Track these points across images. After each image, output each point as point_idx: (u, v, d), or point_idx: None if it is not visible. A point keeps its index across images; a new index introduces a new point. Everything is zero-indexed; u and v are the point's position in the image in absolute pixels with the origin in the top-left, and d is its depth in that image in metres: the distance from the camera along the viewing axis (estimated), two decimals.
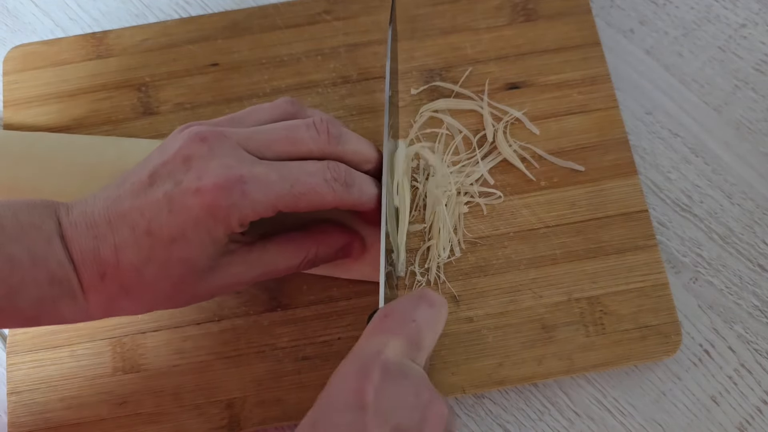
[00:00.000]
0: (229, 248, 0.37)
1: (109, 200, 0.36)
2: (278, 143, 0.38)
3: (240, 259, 0.38)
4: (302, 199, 0.37)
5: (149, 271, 0.36)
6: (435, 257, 0.44)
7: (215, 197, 0.35)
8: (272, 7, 0.51)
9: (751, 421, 0.43)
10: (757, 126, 0.49)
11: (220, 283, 0.38)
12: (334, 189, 0.37)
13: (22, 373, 0.44)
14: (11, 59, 0.51)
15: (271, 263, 0.39)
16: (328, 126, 0.39)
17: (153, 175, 0.36)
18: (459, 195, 0.46)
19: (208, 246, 0.36)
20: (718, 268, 0.46)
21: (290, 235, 0.40)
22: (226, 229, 0.36)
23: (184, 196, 0.35)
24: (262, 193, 0.36)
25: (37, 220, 0.36)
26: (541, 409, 0.44)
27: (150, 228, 0.35)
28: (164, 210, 0.35)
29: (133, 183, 0.36)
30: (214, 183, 0.35)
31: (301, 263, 0.40)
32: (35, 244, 0.35)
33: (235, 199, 0.35)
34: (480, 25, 0.50)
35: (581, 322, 0.43)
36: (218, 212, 0.35)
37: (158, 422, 0.42)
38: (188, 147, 0.36)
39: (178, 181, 0.35)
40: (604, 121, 0.48)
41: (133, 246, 0.35)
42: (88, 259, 0.36)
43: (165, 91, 0.49)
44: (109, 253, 0.36)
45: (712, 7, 0.52)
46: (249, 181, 0.35)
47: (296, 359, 0.43)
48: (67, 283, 0.35)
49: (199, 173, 0.35)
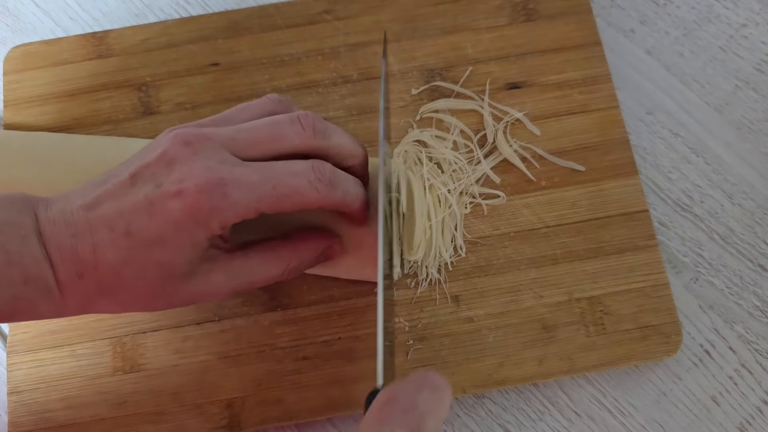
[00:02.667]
0: (209, 254, 0.37)
1: (88, 198, 0.36)
2: (262, 141, 0.37)
3: (221, 267, 0.38)
4: (285, 201, 0.36)
5: (127, 272, 0.35)
6: (436, 257, 0.44)
7: (196, 200, 0.35)
8: (273, 7, 0.51)
9: (752, 422, 0.43)
10: (758, 126, 0.49)
11: (199, 289, 0.37)
12: (318, 190, 0.37)
13: (22, 373, 0.44)
14: (11, 59, 0.51)
15: (252, 273, 0.39)
16: (313, 120, 0.38)
17: (135, 176, 0.36)
18: (462, 195, 0.46)
19: (187, 250, 0.36)
20: (719, 268, 0.46)
21: (271, 243, 0.40)
22: (207, 232, 0.35)
23: (165, 198, 0.35)
24: (244, 195, 0.35)
25: (14, 217, 0.35)
26: (541, 409, 0.44)
27: (129, 229, 0.35)
28: (144, 212, 0.35)
29: (114, 183, 0.36)
30: (195, 185, 0.35)
31: (282, 272, 0.40)
32: (9, 241, 0.35)
33: (216, 202, 0.35)
34: (481, 24, 0.50)
35: (582, 322, 0.43)
36: (199, 215, 0.35)
37: (158, 422, 0.42)
38: (172, 150, 0.36)
39: (159, 183, 0.35)
40: (605, 120, 0.48)
41: (112, 246, 0.35)
42: (66, 257, 0.35)
43: (165, 90, 0.49)
44: (87, 252, 0.35)
45: (713, 7, 0.52)
46: (230, 183, 0.35)
47: (296, 359, 0.43)
48: (42, 281, 0.35)
49: (181, 176, 0.35)
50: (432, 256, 0.44)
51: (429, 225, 0.44)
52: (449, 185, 0.46)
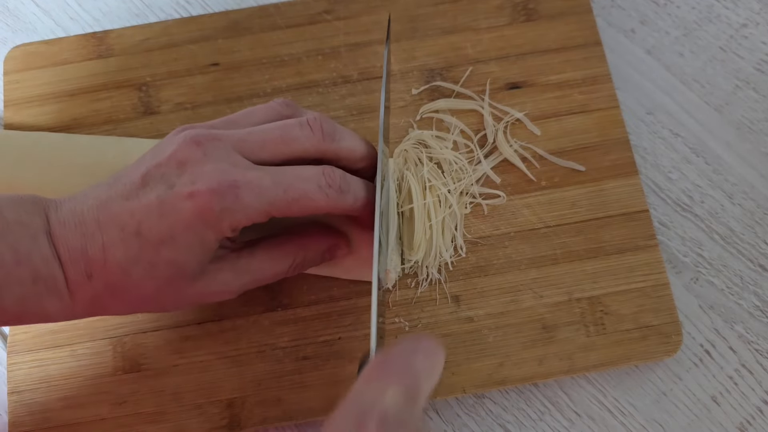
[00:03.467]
0: (218, 254, 0.37)
1: (99, 199, 0.36)
2: (272, 143, 0.37)
3: (228, 265, 0.38)
4: (295, 205, 0.36)
5: (136, 271, 0.36)
6: (437, 257, 0.44)
7: (208, 201, 0.35)
8: (273, 7, 0.51)
9: (752, 421, 0.43)
10: (758, 126, 0.49)
11: (206, 289, 0.38)
12: (328, 195, 0.37)
13: (22, 373, 0.44)
14: (12, 59, 0.51)
15: (258, 270, 0.39)
16: (322, 123, 0.38)
17: (146, 177, 0.36)
18: (462, 195, 0.46)
19: (197, 250, 0.36)
20: (719, 268, 0.46)
21: (277, 240, 0.40)
22: (218, 233, 0.36)
23: (177, 199, 0.35)
24: (255, 198, 0.35)
25: (24, 218, 0.35)
26: (541, 409, 0.44)
27: (140, 229, 0.35)
28: (155, 212, 0.35)
29: (125, 184, 0.36)
30: (207, 187, 0.35)
31: (288, 269, 0.40)
32: (19, 241, 0.35)
33: (228, 204, 0.35)
34: (481, 24, 0.50)
35: (582, 322, 0.43)
36: (210, 217, 0.35)
37: (159, 422, 0.43)
38: (183, 151, 0.36)
39: (171, 184, 0.35)
40: (605, 120, 0.48)
41: (121, 246, 0.35)
42: (75, 257, 0.35)
43: (165, 90, 0.49)
44: (97, 252, 0.35)
45: (713, 7, 0.52)
46: (242, 186, 0.35)
47: (297, 359, 0.43)
48: (51, 281, 0.35)
49: (193, 177, 0.35)
50: (432, 256, 0.44)
51: (429, 225, 0.44)
52: (450, 185, 0.46)
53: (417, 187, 0.44)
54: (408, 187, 0.44)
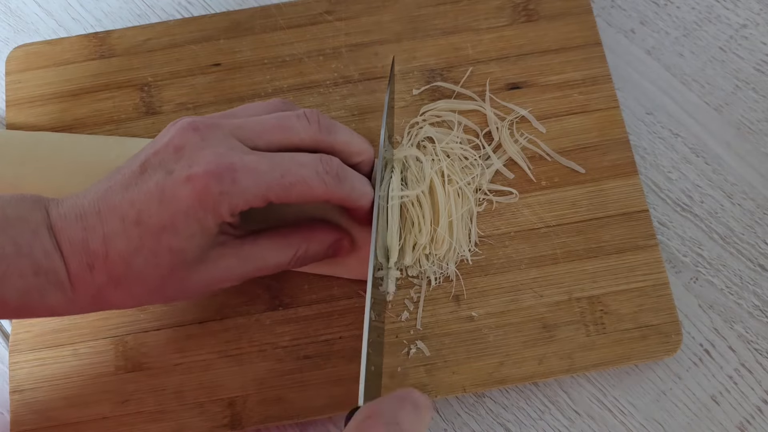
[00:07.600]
0: (219, 240, 0.37)
1: (99, 192, 0.36)
2: (269, 131, 0.38)
3: (231, 252, 0.38)
4: (292, 190, 0.37)
5: (138, 261, 0.36)
6: (456, 252, 0.44)
7: (206, 185, 0.35)
8: (274, 8, 0.51)
9: (752, 421, 0.43)
10: (758, 126, 0.49)
11: (209, 276, 0.38)
12: (325, 181, 0.37)
13: (24, 372, 0.44)
14: (14, 59, 0.51)
15: (261, 258, 0.39)
16: (319, 117, 0.39)
17: (144, 165, 0.36)
18: (477, 192, 0.46)
19: (197, 235, 0.36)
20: (719, 268, 0.46)
21: (281, 230, 0.41)
22: (216, 217, 0.36)
23: (175, 184, 0.35)
24: (253, 182, 0.36)
25: (25, 213, 0.36)
26: (541, 408, 0.44)
27: (139, 218, 0.35)
28: (155, 199, 0.35)
29: (125, 174, 0.36)
30: (205, 170, 0.35)
31: (291, 259, 0.40)
32: (20, 235, 0.35)
33: (226, 187, 0.35)
34: (481, 25, 0.50)
35: (582, 321, 0.44)
36: (208, 200, 0.35)
37: (160, 420, 0.43)
38: (180, 136, 0.36)
39: (169, 170, 0.35)
40: (605, 121, 0.48)
41: (122, 236, 0.35)
42: (76, 250, 0.36)
43: (167, 91, 0.50)
44: (98, 243, 0.36)
45: (713, 8, 0.52)
46: (240, 169, 0.35)
47: (297, 358, 0.44)
48: (53, 273, 0.35)
49: (191, 161, 0.35)
50: (452, 251, 0.44)
51: (450, 220, 0.44)
52: (467, 179, 0.45)
53: (437, 180, 0.44)
54: (427, 180, 0.44)
